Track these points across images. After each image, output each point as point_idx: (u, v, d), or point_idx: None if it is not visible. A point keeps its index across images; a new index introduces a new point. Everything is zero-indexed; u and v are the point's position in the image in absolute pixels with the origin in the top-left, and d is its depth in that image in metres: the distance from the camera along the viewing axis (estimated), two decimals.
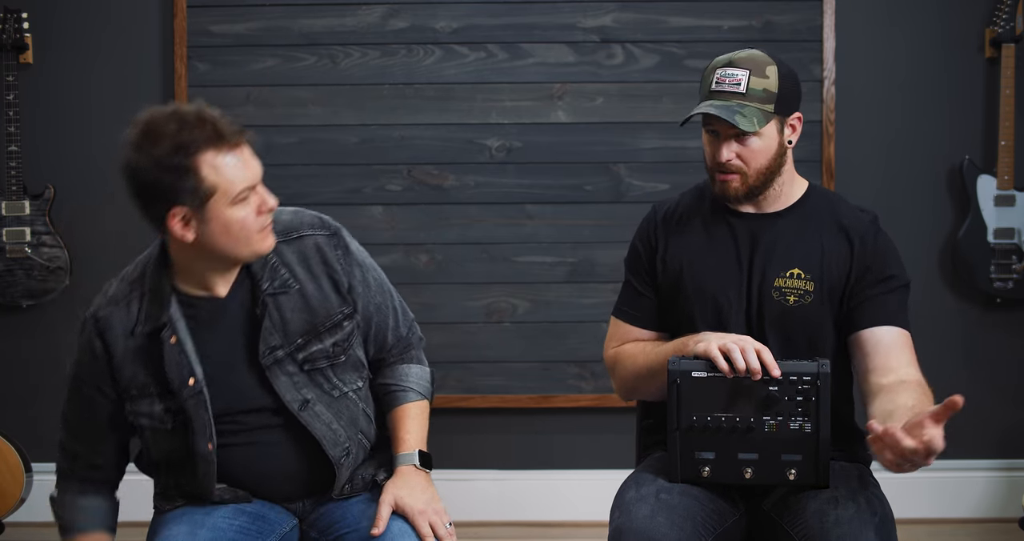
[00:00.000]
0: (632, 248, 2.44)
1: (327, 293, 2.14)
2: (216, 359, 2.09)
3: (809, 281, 2.27)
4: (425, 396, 2.30)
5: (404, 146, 3.95)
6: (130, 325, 2.09)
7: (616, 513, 2.17)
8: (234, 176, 1.97)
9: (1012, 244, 3.86)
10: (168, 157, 1.94)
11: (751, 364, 2.10)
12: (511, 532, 3.96)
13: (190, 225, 1.99)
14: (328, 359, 2.14)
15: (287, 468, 2.18)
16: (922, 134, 3.99)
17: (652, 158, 3.94)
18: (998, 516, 3.99)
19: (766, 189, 2.28)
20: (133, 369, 2.09)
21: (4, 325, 4.01)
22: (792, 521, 2.15)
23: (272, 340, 2.09)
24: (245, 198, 1.99)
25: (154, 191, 1.97)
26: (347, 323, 2.16)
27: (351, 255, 2.18)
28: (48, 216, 3.88)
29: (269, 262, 2.09)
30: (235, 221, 1.99)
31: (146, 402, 2.10)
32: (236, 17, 3.94)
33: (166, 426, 2.11)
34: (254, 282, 2.09)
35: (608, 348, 2.44)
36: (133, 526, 4.00)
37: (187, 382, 2.07)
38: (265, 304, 2.08)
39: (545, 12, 3.95)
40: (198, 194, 1.95)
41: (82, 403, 2.15)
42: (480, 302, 3.96)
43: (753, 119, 2.19)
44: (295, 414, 2.11)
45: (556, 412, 4.00)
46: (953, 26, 3.97)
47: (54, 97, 3.99)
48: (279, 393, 2.10)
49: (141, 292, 2.09)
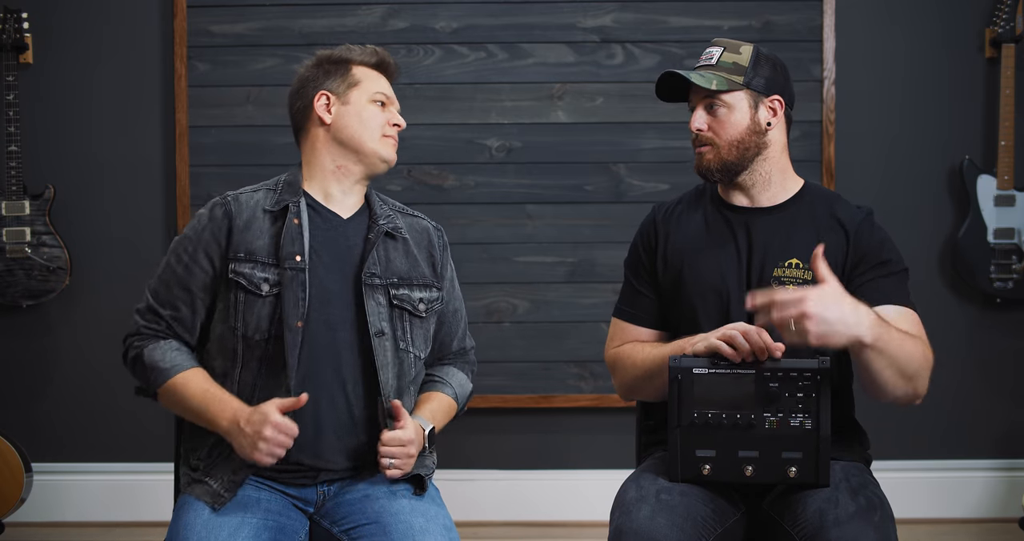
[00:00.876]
0: (632, 248, 2.47)
1: (425, 262, 2.40)
2: (325, 260, 2.29)
3: (807, 271, 2.29)
4: (457, 400, 2.44)
5: (404, 146, 3.87)
6: (260, 203, 2.31)
7: (616, 513, 2.17)
8: (377, 82, 2.37)
9: (1012, 244, 3.87)
10: (330, 58, 2.37)
11: (755, 344, 2.13)
12: (511, 532, 3.96)
13: (331, 108, 2.33)
14: (413, 308, 2.34)
15: (339, 405, 2.26)
16: (922, 134, 4.00)
17: (652, 158, 3.95)
18: (998, 516, 3.99)
19: (743, 167, 2.33)
20: (250, 236, 2.28)
21: (4, 325, 4.02)
22: (792, 521, 2.16)
23: (374, 267, 2.30)
24: (382, 102, 2.35)
25: (311, 80, 2.35)
26: (435, 291, 2.40)
27: (448, 253, 2.47)
28: (48, 216, 3.88)
29: (387, 213, 2.37)
30: (368, 112, 2.33)
31: (248, 266, 2.26)
32: (236, 17, 3.94)
33: (260, 292, 2.24)
34: (372, 218, 2.35)
35: (609, 348, 2.46)
36: (133, 526, 4.01)
37: (294, 257, 2.25)
38: (379, 234, 2.32)
39: (545, 12, 3.95)
40: (345, 82, 2.34)
41: (181, 267, 2.29)
42: (480, 302, 3.97)
43: (713, 81, 2.28)
44: (371, 337, 2.26)
45: (556, 412, 4.00)
46: (953, 26, 3.97)
47: (54, 97, 4.00)
48: (366, 311, 2.26)
49: (275, 187, 2.35)
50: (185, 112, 3.94)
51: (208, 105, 3.94)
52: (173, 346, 2.28)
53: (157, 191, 4.01)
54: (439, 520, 2.23)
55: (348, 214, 2.34)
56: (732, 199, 2.38)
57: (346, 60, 2.35)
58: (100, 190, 4.01)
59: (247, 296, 2.24)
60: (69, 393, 4.03)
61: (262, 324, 2.23)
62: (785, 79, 2.36)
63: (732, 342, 2.14)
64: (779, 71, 2.36)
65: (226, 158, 3.94)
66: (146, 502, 3.94)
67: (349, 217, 2.34)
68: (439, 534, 2.19)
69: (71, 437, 4.04)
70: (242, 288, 2.24)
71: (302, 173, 2.36)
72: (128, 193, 4.02)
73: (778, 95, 2.34)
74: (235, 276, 2.25)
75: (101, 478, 4.04)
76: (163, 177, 4.00)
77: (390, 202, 2.42)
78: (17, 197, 3.85)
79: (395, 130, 2.37)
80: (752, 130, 2.31)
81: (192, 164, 3.95)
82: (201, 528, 2.16)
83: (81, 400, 4.03)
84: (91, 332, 4.01)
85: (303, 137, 2.37)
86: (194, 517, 2.18)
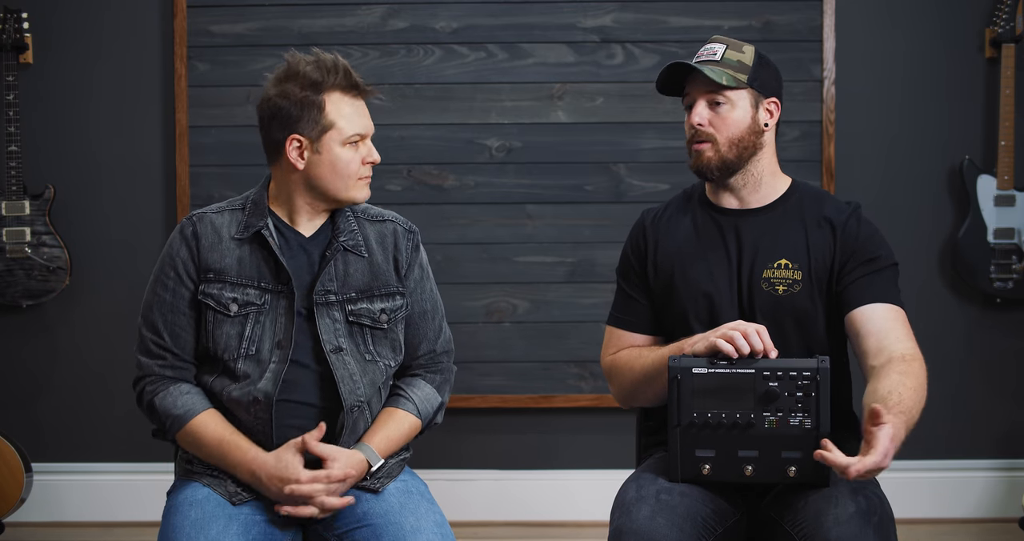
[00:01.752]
0: (623, 255, 2.47)
1: (389, 268, 2.33)
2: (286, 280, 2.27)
3: (797, 270, 2.30)
4: (419, 416, 2.37)
5: (404, 146, 3.96)
6: (227, 225, 2.28)
7: (616, 513, 2.17)
8: (351, 120, 2.24)
9: (1012, 244, 3.86)
10: (301, 91, 2.21)
11: (754, 345, 2.14)
12: (511, 532, 3.96)
13: (304, 154, 2.23)
14: (372, 321, 2.30)
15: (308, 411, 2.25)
16: (922, 134, 4.00)
17: (652, 158, 3.95)
18: (998, 516, 3.99)
19: (739, 167, 2.33)
20: (216, 256, 2.26)
21: (4, 325, 4.02)
22: (792, 521, 2.16)
23: (329, 285, 2.27)
24: (355, 143, 2.25)
25: (282, 119, 2.22)
26: (399, 298, 2.33)
27: (418, 255, 2.38)
28: (48, 216, 3.88)
29: (351, 228, 2.31)
30: (342, 160, 2.24)
31: (217, 286, 2.26)
32: (236, 17, 3.94)
33: (228, 312, 2.25)
34: (334, 235, 2.30)
35: (604, 356, 2.47)
36: (133, 526, 4.01)
37: (267, 281, 2.26)
38: (336, 251, 2.28)
39: (545, 12, 3.95)
40: (318, 125, 2.22)
41: (168, 293, 2.28)
42: (480, 302, 3.97)
43: (723, 77, 2.28)
44: (326, 355, 2.24)
45: (556, 412, 4.00)
46: (953, 26, 3.97)
47: (54, 97, 4.00)
48: (319, 331, 2.24)
49: (243, 206, 2.31)
50: (185, 112, 3.94)
51: (208, 105, 3.94)
52: (183, 390, 2.27)
53: (157, 191, 4.01)
54: (430, 517, 2.22)
55: (312, 231, 2.31)
56: (721, 201, 2.38)
57: (317, 86, 2.21)
58: (100, 190, 4.01)
59: (215, 316, 2.25)
60: (69, 393, 4.03)
61: (231, 343, 2.24)
62: (779, 83, 2.38)
63: (732, 342, 2.14)
64: (776, 74, 2.37)
65: (226, 158, 3.94)
66: (146, 502, 3.93)
67: (312, 234, 2.31)
68: (431, 532, 2.18)
69: (71, 437, 4.04)
70: (211, 309, 2.25)
71: (268, 192, 2.31)
72: (128, 193, 4.02)
73: (775, 98, 2.35)
74: (203, 297, 2.25)
75: (101, 478, 4.04)
76: (163, 177, 4.00)
77: (360, 209, 2.36)
78: (17, 197, 3.85)
79: (369, 168, 2.29)
80: (752, 129, 2.32)
81: (192, 164, 3.95)
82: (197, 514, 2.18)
83: (81, 400, 4.03)
84: (91, 332, 4.01)
85: (274, 166, 2.30)
86: (187, 511, 2.19)
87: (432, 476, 2.59)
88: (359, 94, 2.26)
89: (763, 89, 2.33)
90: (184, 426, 2.25)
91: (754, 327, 2.16)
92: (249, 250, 2.26)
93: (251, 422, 2.24)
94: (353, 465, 2.22)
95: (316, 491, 2.17)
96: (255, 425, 2.24)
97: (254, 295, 2.25)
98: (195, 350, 2.29)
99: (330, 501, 2.19)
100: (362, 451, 2.26)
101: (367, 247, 2.32)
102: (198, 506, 2.20)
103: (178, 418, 2.25)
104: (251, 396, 2.22)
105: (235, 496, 2.23)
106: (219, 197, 3.83)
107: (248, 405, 2.23)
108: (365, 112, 2.28)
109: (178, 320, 2.27)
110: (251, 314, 2.24)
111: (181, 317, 2.27)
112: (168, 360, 2.28)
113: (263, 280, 2.25)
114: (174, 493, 2.27)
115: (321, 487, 2.18)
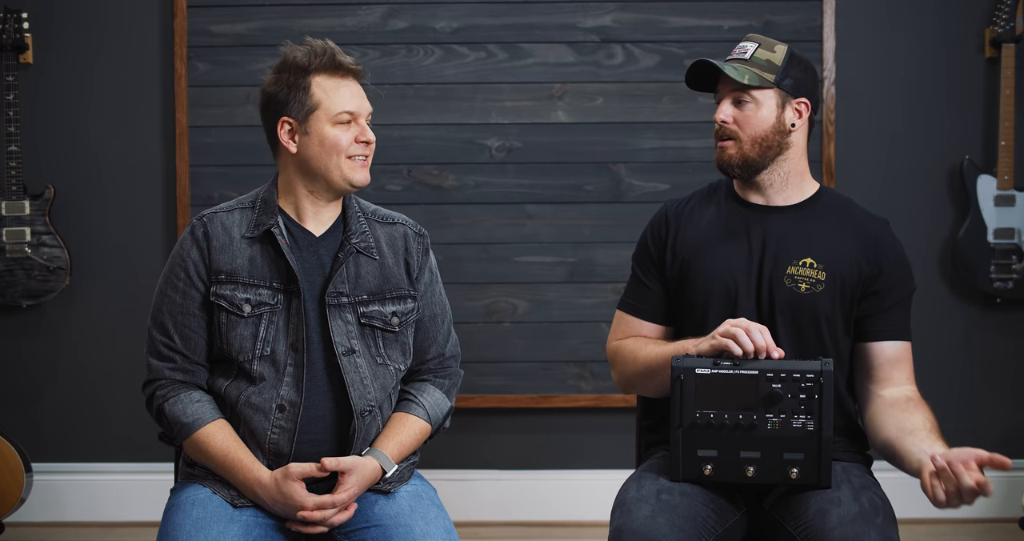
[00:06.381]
0: (641, 241, 2.47)
1: (400, 271, 2.34)
2: (300, 280, 2.26)
3: (821, 271, 2.30)
4: (430, 422, 2.37)
5: (404, 146, 3.95)
6: (238, 224, 2.28)
7: (617, 513, 2.17)
8: (338, 99, 2.23)
9: (1012, 244, 3.87)
10: (288, 74, 2.24)
11: (757, 344, 2.15)
12: (511, 532, 3.96)
13: (295, 136, 2.24)
14: (384, 324, 2.30)
15: (320, 416, 2.25)
16: (922, 134, 4.00)
17: (652, 158, 3.95)
18: (998, 516, 3.99)
19: (763, 166, 2.33)
20: (228, 257, 2.26)
21: (4, 325, 4.01)
22: (794, 521, 2.16)
23: (341, 286, 2.27)
24: (346, 122, 2.24)
25: (274, 105, 2.25)
26: (411, 301, 2.34)
27: (428, 258, 2.40)
28: (48, 216, 3.88)
29: (363, 229, 2.31)
30: (331, 140, 2.23)
31: (229, 287, 2.26)
32: (236, 17, 3.94)
33: (242, 313, 2.25)
34: (345, 236, 2.29)
35: (611, 340, 2.47)
36: (133, 526, 4.01)
37: (281, 281, 2.25)
38: (349, 253, 2.28)
39: (545, 12, 3.95)
40: (304, 107, 2.23)
41: (179, 295, 2.28)
42: (480, 302, 3.97)
43: (745, 75, 2.28)
44: (337, 357, 2.24)
45: (556, 412, 4.00)
46: (953, 26, 3.97)
47: (54, 97, 3.99)
48: (331, 332, 2.24)
49: (253, 204, 2.31)
50: (185, 112, 3.93)
51: (208, 105, 3.94)
52: (194, 398, 2.26)
53: (157, 191, 4.00)
54: (440, 523, 2.23)
55: (322, 231, 2.30)
56: (748, 197, 2.38)
57: (303, 70, 2.23)
58: (100, 190, 4.01)
59: (229, 317, 2.25)
60: (69, 393, 4.03)
61: (246, 345, 2.24)
62: (814, 83, 2.36)
63: (737, 340, 2.14)
64: (809, 74, 2.36)
65: (226, 158, 3.94)
66: (146, 502, 3.93)
67: (322, 234, 2.30)
68: (440, 538, 2.18)
69: (71, 437, 4.03)
70: (224, 310, 2.25)
71: (277, 188, 2.32)
72: (128, 193, 4.01)
73: (805, 98, 2.34)
74: (216, 299, 2.25)
75: (101, 478, 4.04)
76: (163, 177, 4.00)
77: (370, 210, 2.37)
78: (17, 197, 3.84)
79: (364, 148, 2.27)
80: (776, 129, 2.31)
81: (192, 164, 3.94)
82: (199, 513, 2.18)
83: (81, 400, 4.02)
84: (91, 332, 4.01)
85: (276, 155, 2.32)
86: (189, 509, 2.19)
87: (432, 476, 2.59)
88: (347, 75, 2.25)
89: (792, 89, 2.32)
90: (191, 435, 2.24)
91: (757, 325, 2.16)
92: (260, 249, 2.26)
93: (269, 429, 2.23)
94: (366, 475, 2.23)
95: (325, 515, 2.18)
96: (273, 433, 2.23)
97: (267, 295, 2.25)
98: (206, 352, 2.29)
99: (337, 519, 2.20)
100: (376, 458, 2.25)
101: (378, 249, 2.32)
102: (200, 505, 2.20)
103: (186, 427, 2.24)
104: (273, 402, 2.22)
105: (237, 499, 2.23)
106: (219, 197, 3.83)
107: (270, 412, 2.22)
108: (356, 92, 2.27)
109: (188, 322, 2.26)
110: (264, 314, 2.24)
111: (191, 319, 2.26)
112: (178, 362, 2.27)
113: (275, 280, 2.25)
114: (177, 491, 2.28)
115: (330, 512, 2.19)
